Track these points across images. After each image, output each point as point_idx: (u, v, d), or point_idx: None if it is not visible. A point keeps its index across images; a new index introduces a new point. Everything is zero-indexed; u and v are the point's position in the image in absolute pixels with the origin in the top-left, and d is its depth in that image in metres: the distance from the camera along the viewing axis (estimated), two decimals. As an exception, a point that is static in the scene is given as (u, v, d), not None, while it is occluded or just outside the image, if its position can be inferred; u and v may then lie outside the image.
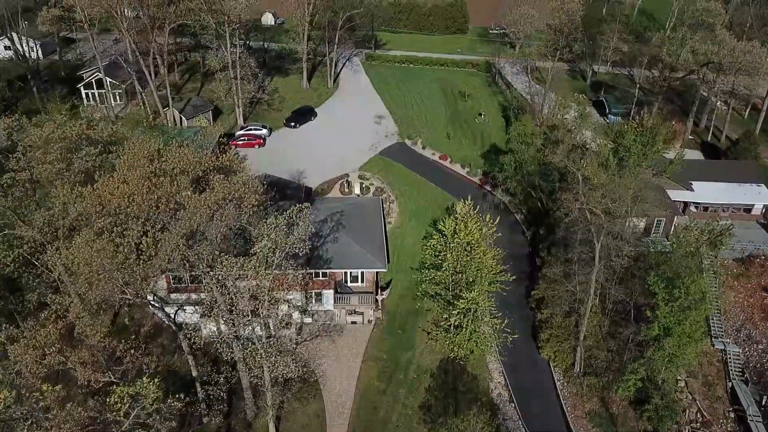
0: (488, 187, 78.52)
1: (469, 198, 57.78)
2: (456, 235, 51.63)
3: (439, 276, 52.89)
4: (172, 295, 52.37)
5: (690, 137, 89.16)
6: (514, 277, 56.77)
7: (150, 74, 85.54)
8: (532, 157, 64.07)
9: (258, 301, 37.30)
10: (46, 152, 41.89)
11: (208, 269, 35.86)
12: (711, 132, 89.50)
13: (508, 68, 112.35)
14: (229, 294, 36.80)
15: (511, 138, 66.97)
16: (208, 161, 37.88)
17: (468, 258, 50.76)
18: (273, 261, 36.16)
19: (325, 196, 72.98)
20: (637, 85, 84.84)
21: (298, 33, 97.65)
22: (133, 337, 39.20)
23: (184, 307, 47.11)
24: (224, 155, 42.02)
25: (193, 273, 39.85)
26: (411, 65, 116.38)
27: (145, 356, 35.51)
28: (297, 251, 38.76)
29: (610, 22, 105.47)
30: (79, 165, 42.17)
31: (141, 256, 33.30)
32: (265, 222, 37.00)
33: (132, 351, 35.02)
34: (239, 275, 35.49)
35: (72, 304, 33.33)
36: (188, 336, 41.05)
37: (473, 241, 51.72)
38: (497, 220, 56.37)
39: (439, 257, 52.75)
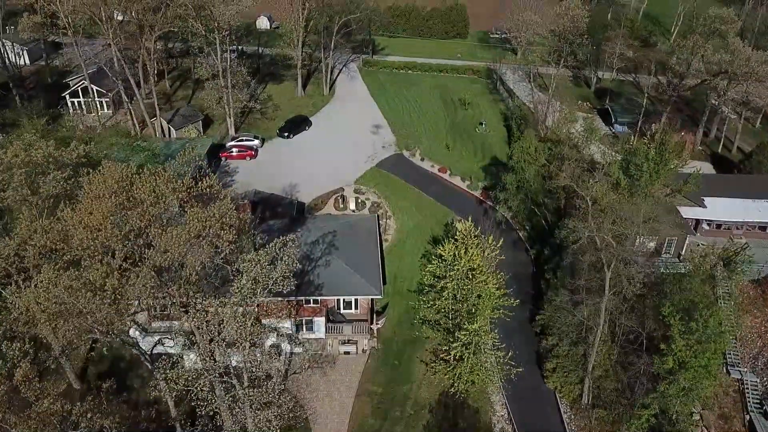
0: (489, 202, 74.99)
1: (470, 218, 54.45)
2: (456, 261, 48.17)
3: (438, 304, 49.43)
4: (155, 323, 49.01)
5: (699, 148, 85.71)
6: (517, 301, 53.38)
7: (135, 83, 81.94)
8: (535, 174, 60.43)
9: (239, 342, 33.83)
10: (11, 176, 38.42)
11: (183, 309, 32.52)
12: (722, 143, 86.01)
13: (509, 74, 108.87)
14: (208, 334, 33.39)
15: (513, 155, 63.18)
16: (184, 189, 34.33)
17: (469, 286, 47.28)
18: (254, 301, 32.81)
19: (318, 214, 69.49)
20: (645, 95, 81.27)
21: (293, 39, 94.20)
22: (90, 397, 34.70)
23: (164, 340, 43.58)
24: (205, 179, 38.44)
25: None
26: (409, 71, 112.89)
27: (106, 418, 31.87)
28: (281, 289, 35.33)
29: (615, 27, 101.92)
30: (46, 190, 38.75)
31: (105, 298, 29.95)
32: (245, 258, 33.56)
33: (89, 414, 31.36)
34: (215, 319, 32.12)
35: (21, 364, 29.86)
36: (166, 376, 37.52)
37: (475, 266, 48.32)
38: (500, 243, 52.95)
39: (439, 284, 49.25)
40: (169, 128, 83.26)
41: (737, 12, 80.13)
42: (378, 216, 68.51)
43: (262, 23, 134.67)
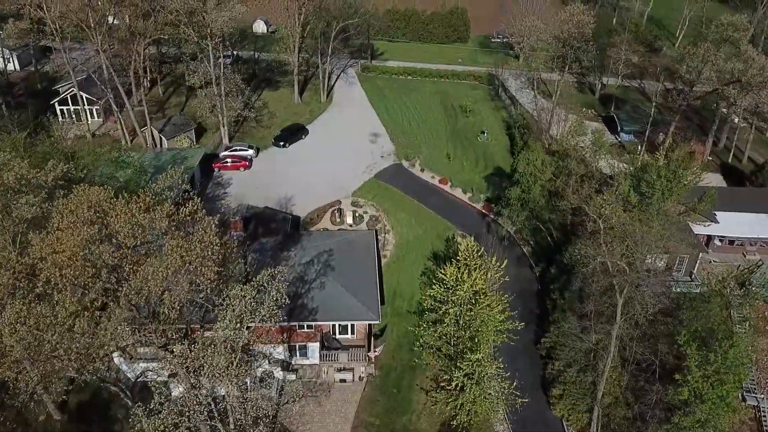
0: (492, 215, 72.21)
1: (473, 235, 51.80)
2: (459, 285, 45.38)
3: (440, 331, 46.64)
4: (141, 349, 46.25)
5: (709, 158, 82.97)
6: (522, 324, 50.59)
7: (126, 92, 79.17)
8: (541, 189, 57.62)
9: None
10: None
11: (163, 348, 29.82)
12: (732, 153, 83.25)
13: (511, 80, 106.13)
14: (190, 376, 30.64)
15: (519, 167, 60.39)
16: (165, 216, 31.48)
17: (472, 312, 44.51)
18: (238, 340, 30.04)
19: (314, 228, 66.74)
20: (654, 104, 78.38)
21: (289, 44, 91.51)
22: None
23: (149, 371, 40.78)
24: (188, 203, 35.61)
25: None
26: (409, 77, 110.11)
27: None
28: (269, 324, 32.63)
29: (620, 32, 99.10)
30: (18, 215, 35.98)
31: (74, 341, 27.19)
32: (229, 293, 30.75)
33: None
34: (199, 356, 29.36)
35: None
36: (145, 413, 34.63)
37: (479, 291, 45.56)
38: (504, 263, 50.17)
39: (441, 310, 46.46)
40: (160, 138, 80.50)
41: (749, 18, 77.06)
42: (376, 231, 65.74)
43: (259, 27, 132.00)
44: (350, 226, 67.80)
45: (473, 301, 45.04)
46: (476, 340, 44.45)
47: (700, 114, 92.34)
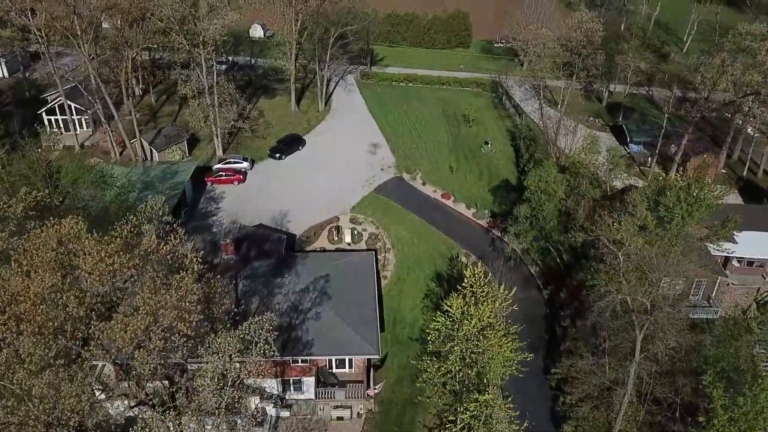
0: (497, 232, 68.93)
1: (477, 254, 48.38)
2: (466, 318, 42.07)
3: (445, 367, 43.30)
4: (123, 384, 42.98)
5: (723, 171, 79.68)
6: (532, 356, 47.26)
7: (114, 104, 75.83)
8: (553, 209, 54.22)
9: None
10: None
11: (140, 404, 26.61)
12: (747, 166, 79.96)
13: (515, 87, 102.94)
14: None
15: (528, 184, 56.68)
16: (140, 255, 28.18)
17: (480, 349, 41.21)
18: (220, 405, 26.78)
19: (311, 248, 63.46)
20: (666, 115, 74.98)
21: (286, 51, 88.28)
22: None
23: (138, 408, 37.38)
24: (171, 236, 32.26)
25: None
26: (410, 84, 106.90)
27: None
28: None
29: (628, 38, 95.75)
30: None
31: (32, 409, 23.98)
32: (211, 344, 27.45)
33: None
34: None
35: None
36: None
37: (486, 325, 42.25)
38: (513, 291, 46.83)
39: (446, 346, 43.10)
40: (150, 150, 77.19)
41: (767, 26, 73.71)
42: (376, 251, 62.42)
43: (256, 32, 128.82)
44: (348, 244, 64.54)
45: (480, 336, 41.74)
46: (484, 379, 41.17)
47: (712, 124, 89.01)
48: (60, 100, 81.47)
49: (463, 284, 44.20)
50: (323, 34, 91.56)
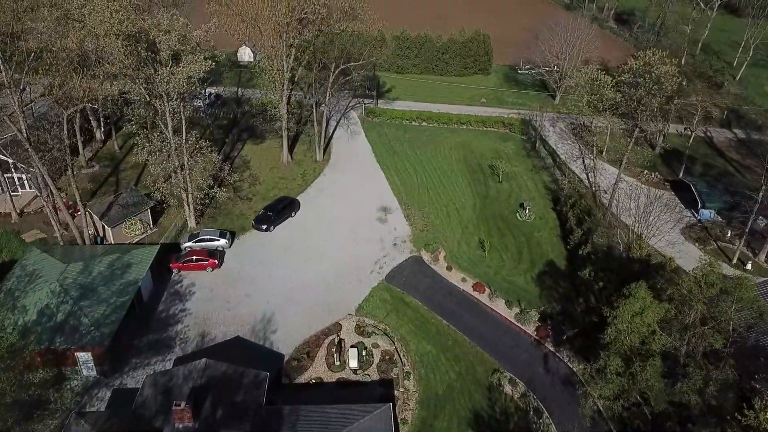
0: (550, 345, 52.62)
1: (530, 392, 32.02)
2: None
3: None
4: None
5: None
6: None
7: (52, 170, 59.40)
8: (654, 370, 37.16)
9: None
10: None
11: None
12: None
13: (547, 126, 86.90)
14: None
15: (618, 323, 38.87)
16: None
17: None
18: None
19: (303, 383, 47.00)
20: (764, 181, 57.89)
21: (276, 83, 71.93)
22: None
23: None
24: None
25: None
26: (423, 123, 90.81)
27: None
28: None
29: (688, 74, 79.36)
30: None
31: None
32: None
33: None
34: None
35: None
36: None
37: None
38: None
39: None
40: (102, 227, 60.80)
41: None
42: (393, 406, 45.19)
43: (244, 55, 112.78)
44: (355, 371, 48.17)
45: None
46: None
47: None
48: (-5, 155, 65.17)
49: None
50: (321, 71, 75.48)
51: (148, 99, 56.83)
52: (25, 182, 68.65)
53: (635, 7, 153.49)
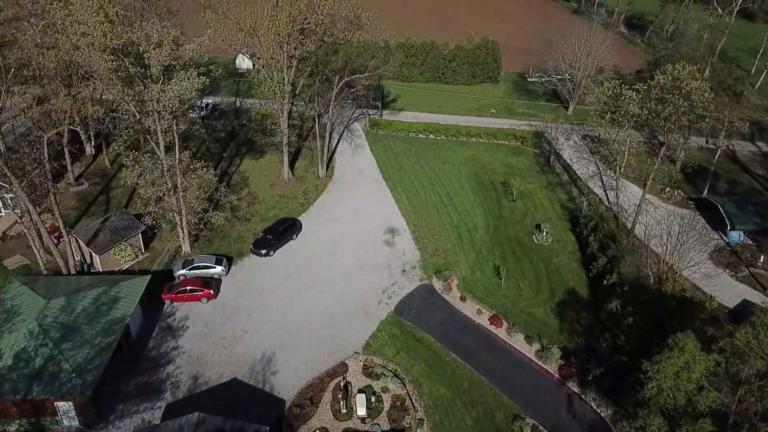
0: (575, 386, 48.23)
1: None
2: None
3: None
4: None
5: None
6: None
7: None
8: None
9: None
10: None
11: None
12: None
13: (561, 138, 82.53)
14: None
15: (661, 380, 34.50)
16: None
17: None
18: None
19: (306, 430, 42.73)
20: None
21: (277, 97, 67.63)
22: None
23: None
24: None
25: None
26: (431, 135, 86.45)
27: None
28: None
29: (715, 87, 74.66)
30: None
31: None
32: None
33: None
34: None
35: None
36: None
37: None
38: None
39: None
40: (90, 254, 56.43)
41: None
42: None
43: (243, 63, 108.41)
44: (363, 421, 43.82)
45: None
46: None
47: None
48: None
49: None
50: (324, 83, 71.21)
51: (138, 117, 52.41)
52: (8, 201, 64.34)
53: (645, 12, 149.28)
